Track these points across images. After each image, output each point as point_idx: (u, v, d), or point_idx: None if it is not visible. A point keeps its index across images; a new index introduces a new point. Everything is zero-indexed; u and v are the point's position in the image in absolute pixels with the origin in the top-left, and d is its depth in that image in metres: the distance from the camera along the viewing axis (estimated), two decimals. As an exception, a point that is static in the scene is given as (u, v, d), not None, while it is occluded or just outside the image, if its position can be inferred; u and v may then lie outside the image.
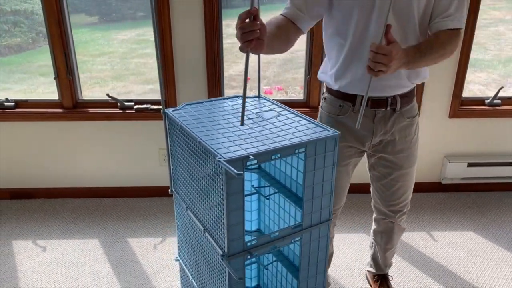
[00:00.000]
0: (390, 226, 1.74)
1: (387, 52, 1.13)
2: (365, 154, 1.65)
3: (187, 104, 1.45)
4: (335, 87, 1.50)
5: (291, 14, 1.39)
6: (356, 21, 1.36)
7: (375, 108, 1.48)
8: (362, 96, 1.45)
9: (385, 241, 1.80)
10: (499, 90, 2.57)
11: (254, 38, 1.05)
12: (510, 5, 3.18)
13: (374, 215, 1.79)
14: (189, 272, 1.56)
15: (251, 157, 1.09)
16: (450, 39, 1.35)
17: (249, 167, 1.54)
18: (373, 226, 1.83)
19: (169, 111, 1.39)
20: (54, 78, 2.44)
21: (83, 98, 2.55)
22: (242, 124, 1.13)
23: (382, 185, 1.64)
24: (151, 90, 3.17)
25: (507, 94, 2.63)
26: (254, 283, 1.77)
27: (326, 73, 1.54)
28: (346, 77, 1.45)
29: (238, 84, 3.33)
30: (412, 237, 2.33)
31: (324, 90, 1.61)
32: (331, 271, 2.09)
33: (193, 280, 1.53)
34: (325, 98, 1.59)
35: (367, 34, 1.37)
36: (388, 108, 1.48)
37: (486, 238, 2.33)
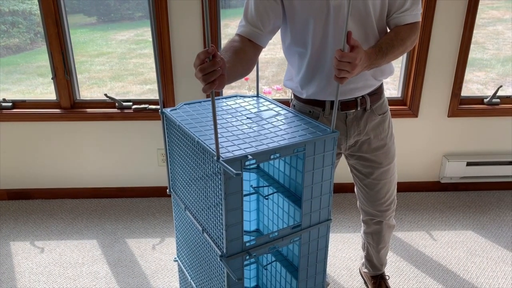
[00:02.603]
0: (379, 226, 1.74)
1: (351, 59, 1.13)
2: (343, 156, 1.64)
3: (185, 104, 1.45)
4: (303, 95, 1.49)
5: (248, 33, 1.35)
6: (314, 29, 1.35)
7: (345, 110, 1.48)
8: (331, 101, 1.46)
9: (376, 242, 1.79)
10: (498, 89, 2.57)
11: (216, 77, 1.02)
12: (509, 4, 3.18)
13: (361, 216, 1.78)
14: (188, 273, 1.55)
15: (250, 157, 1.08)
16: (409, 34, 1.36)
17: (248, 167, 1.53)
18: (363, 228, 1.82)
19: (167, 111, 1.38)
20: (52, 78, 2.43)
21: (81, 98, 2.54)
22: None
23: (365, 186, 1.63)
24: (150, 90, 3.16)
25: (506, 93, 2.63)
26: (253, 283, 1.77)
27: (292, 80, 1.53)
28: (312, 85, 1.45)
29: (236, 84, 3.32)
30: (411, 237, 2.33)
31: (292, 97, 1.60)
32: (330, 270, 2.09)
33: (191, 281, 1.52)
34: (294, 106, 1.58)
35: (327, 41, 1.36)
36: (359, 108, 1.48)
37: (485, 237, 2.33)
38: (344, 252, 2.22)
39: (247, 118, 1.35)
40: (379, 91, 1.53)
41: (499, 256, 2.18)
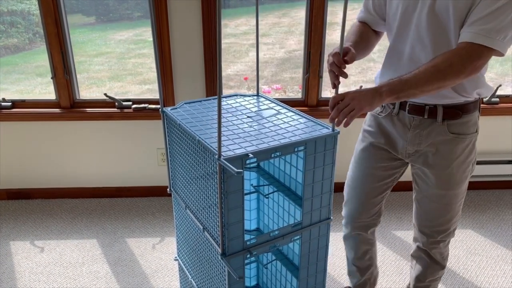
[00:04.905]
0: (421, 253, 1.62)
1: (340, 98, 1.18)
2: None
3: (185, 103, 1.45)
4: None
5: (365, 18, 1.46)
6: (400, 18, 1.34)
7: (412, 115, 1.39)
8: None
9: (416, 271, 1.65)
10: (497, 88, 2.57)
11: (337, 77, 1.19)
12: (507, 3, 3.18)
13: (413, 234, 1.68)
14: (188, 272, 1.55)
15: (251, 155, 1.08)
16: (448, 56, 1.19)
17: (249, 165, 1.53)
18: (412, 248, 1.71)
19: (168, 110, 1.38)
20: (51, 78, 2.43)
21: (80, 98, 2.54)
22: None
23: (417, 201, 1.54)
24: (149, 90, 3.16)
25: (505, 92, 2.64)
26: (253, 282, 1.77)
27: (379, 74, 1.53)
28: (385, 76, 1.42)
29: (236, 84, 3.32)
30: (411, 236, 2.33)
31: None
32: (330, 269, 2.09)
33: (192, 280, 1.52)
34: None
35: (408, 35, 1.34)
36: (426, 117, 1.37)
37: (485, 236, 2.33)
38: (344, 251, 2.22)
39: (248, 117, 1.35)
40: (461, 108, 1.36)
41: (499, 254, 2.19)
